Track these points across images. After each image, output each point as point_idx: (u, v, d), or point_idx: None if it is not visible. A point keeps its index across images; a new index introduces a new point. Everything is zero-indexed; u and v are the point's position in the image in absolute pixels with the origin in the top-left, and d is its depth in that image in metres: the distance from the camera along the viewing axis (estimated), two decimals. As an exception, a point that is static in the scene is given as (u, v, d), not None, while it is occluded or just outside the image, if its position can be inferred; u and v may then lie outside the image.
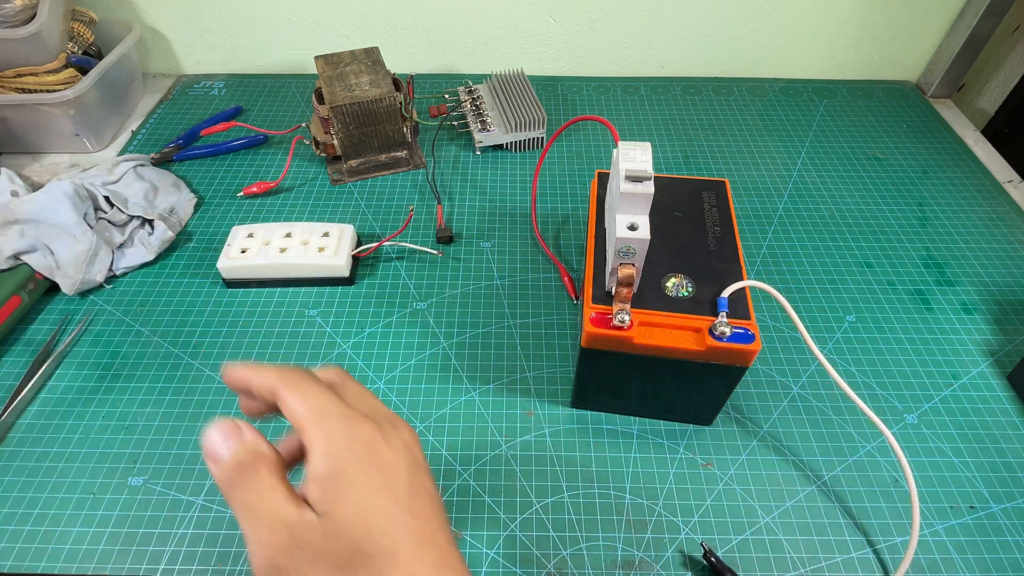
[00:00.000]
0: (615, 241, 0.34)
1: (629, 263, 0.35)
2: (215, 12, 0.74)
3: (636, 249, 0.35)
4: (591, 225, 0.44)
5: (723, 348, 0.35)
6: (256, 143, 0.68)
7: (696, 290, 0.38)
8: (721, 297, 0.37)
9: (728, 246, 0.40)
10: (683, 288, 0.38)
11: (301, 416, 0.23)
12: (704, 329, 0.36)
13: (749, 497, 0.41)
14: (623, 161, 0.35)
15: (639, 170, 0.34)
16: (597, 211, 0.44)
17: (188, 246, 0.57)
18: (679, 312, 0.37)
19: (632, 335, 0.36)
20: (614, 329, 0.36)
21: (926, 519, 0.40)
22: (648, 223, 0.35)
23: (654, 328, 0.37)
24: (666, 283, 0.38)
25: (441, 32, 0.76)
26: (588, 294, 0.38)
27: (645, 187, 0.34)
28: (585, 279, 0.40)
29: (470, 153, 0.67)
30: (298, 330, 0.50)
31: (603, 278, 0.39)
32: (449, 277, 0.54)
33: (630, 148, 0.36)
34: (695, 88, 0.77)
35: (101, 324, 0.50)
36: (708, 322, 0.36)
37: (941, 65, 0.75)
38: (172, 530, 0.39)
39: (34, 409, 0.45)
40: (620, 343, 0.37)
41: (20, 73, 0.61)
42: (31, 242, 0.51)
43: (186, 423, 0.44)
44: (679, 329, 0.36)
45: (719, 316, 0.36)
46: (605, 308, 0.37)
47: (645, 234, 0.34)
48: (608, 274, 0.37)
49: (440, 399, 0.46)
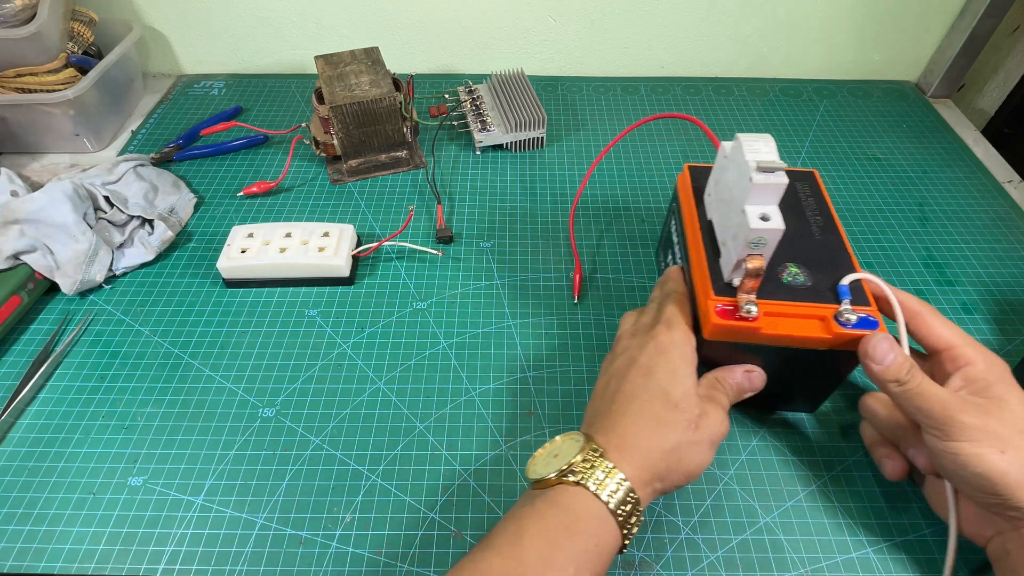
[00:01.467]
0: (748, 232, 0.34)
1: (758, 254, 0.35)
2: (215, 12, 0.74)
3: (768, 239, 0.34)
4: (688, 218, 0.43)
5: (849, 335, 0.35)
6: (256, 143, 0.68)
7: (813, 278, 0.38)
8: (842, 284, 0.37)
9: (832, 234, 0.41)
10: (800, 277, 0.38)
11: (951, 336, 0.36)
12: (829, 317, 0.36)
13: (749, 497, 0.41)
14: (749, 153, 0.35)
15: (771, 161, 0.34)
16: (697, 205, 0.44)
17: (188, 246, 0.57)
18: (801, 301, 0.37)
19: (759, 325, 0.36)
20: (740, 320, 0.36)
21: (926, 519, 0.40)
22: (780, 213, 0.35)
23: (779, 318, 0.36)
24: (782, 273, 0.38)
25: (441, 32, 0.76)
26: (706, 287, 0.38)
27: (778, 177, 0.34)
28: (695, 272, 0.40)
29: (470, 153, 0.67)
30: (298, 330, 0.50)
31: (718, 270, 0.39)
32: (449, 277, 0.54)
33: (752, 140, 0.36)
34: (695, 88, 0.77)
35: (101, 324, 0.50)
36: (831, 310, 0.36)
37: (941, 65, 0.75)
38: (172, 530, 0.39)
39: (34, 409, 0.45)
40: (746, 334, 0.37)
41: (20, 73, 0.61)
42: (31, 242, 0.51)
43: (186, 423, 0.44)
44: (803, 318, 0.36)
45: (842, 303, 0.36)
46: (728, 299, 0.37)
47: (778, 224, 0.34)
48: (730, 266, 0.37)
49: (440, 399, 0.46)
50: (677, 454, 0.33)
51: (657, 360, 0.36)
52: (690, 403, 0.35)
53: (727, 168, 0.38)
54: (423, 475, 0.42)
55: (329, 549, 0.38)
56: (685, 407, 0.34)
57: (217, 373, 0.47)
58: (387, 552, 0.38)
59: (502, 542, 0.30)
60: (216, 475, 0.42)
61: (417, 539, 0.39)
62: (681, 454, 0.34)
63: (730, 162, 0.38)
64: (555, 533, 0.30)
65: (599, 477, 0.31)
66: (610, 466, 0.32)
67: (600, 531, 0.31)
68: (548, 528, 0.30)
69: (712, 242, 0.40)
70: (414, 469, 0.42)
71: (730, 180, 0.38)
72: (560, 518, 0.31)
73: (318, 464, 0.42)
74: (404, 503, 0.40)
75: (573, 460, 0.32)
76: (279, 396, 0.46)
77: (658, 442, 0.33)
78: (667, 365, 0.36)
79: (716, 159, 0.41)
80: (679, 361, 0.36)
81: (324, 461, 0.42)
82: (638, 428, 0.34)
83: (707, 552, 0.39)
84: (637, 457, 0.33)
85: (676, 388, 0.35)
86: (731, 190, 0.38)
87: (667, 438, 0.33)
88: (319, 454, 0.43)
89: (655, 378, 0.35)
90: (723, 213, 0.39)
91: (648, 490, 0.33)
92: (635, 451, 0.33)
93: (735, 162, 0.37)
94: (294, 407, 0.45)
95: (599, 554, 0.30)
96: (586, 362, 0.48)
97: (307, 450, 0.43)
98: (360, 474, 0.42)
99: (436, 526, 0.39)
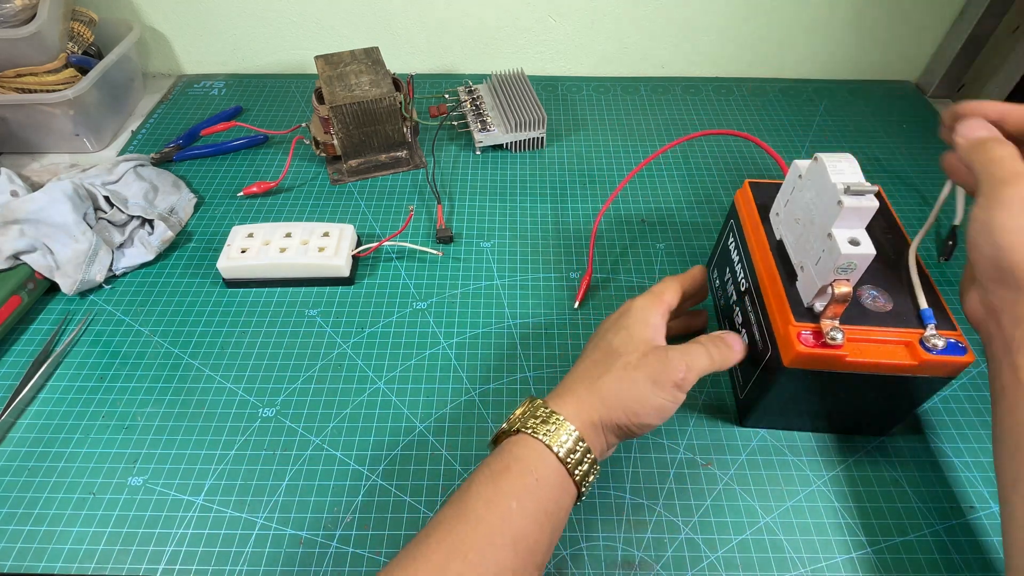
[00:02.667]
0: (837, 257, 0.33)
1: (845, 279, 0.34)
2: (215, 12, 0.74)
3: (857, 264, 0.33)
4: (754, 237, 0.42)
5: (936, 361, 0.34)
6: (256, 143, 0.68)
7: (895, 302, 0.37)
8: (925, 308, 0.36)
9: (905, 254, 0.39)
10: (880, 300, 0.37)
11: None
12: (914, 342, 0.35)
13: (749, 497, 0.41)
14: (834, 174, 0.34)
15: (860, 183, 0.33)
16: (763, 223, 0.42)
17: (188, 246, 0.57)
18: (884, 326, 0.35)
19: (844, 352, 0.35)
20: (825, 347, 0.35)
21: (926, 519, 0.40)
22: (868, 237, 0.34)
23: (865, 344, 0.35)
24: (862, 296, 0.37)
25: (441, 32, 0.76)
26: (784, 312, 0.37)
27: (869, 200, 0.33)
28: (769, 297, 0.39)
29: (470, 153, 0.67)
30: (298, 330, 0.50)
31: (795, 295, 0.37)
32: (449, 277, 0.54)
33: (835, 160, 0.34)
34: (695, 88, 0.77)
35: (101, 324, 0.50)
36: (916, 335, 0.35)
37: (941, 65, 0.75)
38: (172, 530, 0.39)
39: (34, 409, 0.45)
40: (830, 361, 0.35)
41: (20, 73, 0.61)
42: (31, 242, 0.50)
43: (186, 423, 0.44)
44: (888, 343, 0.35)
45: (927, 328, 0.35)
46: (811, 325, 0.36)
47: (869, 249, 0.33)
48: (811, 290, 0.36)
49: (440, 399, 0.46)
50: (610, 389, 0.35)
51: (612, 323, 0.39)
52: (629, 347, 0.36)
53: (804, 188, 0.37)
54: (423, 475, 0.42)
55: (329, 549, 0.38)
56: (623, 351, 0.36)
57: (217, 373, 0.47)
58: (387, 552, 0.38)
59: (454, 496, 0.32)
60: (216, 475, 0.42)
61: (417, 539, 0.39)
62: (615, 390, 0.35)
63: (807, 182, 0.36)
64: (496, 474, 0.32)
65: (534, 423, 0.34)
66: (548, 411, 0.34)
67: (540, 466, 0.32)
68: (490, 473, 0.32)
69: (784, 263, 0.39)
70: (414, 469, 0.42)
71: (808, 200, 0.36)
72: (501, 463, 0.33)
73: (318, 464, 0.42)
74: (404, 503, 0.40)
75: (513, 415, 0.35)
76: (279, 396, 0.46)
77: (591, 382, 0.35)
78: (617, 324, 0.38)
79: (787, 177, 0.39)
80: (629, 319, 0.38)
81: (324, 461, 0.42)
82: (577, 377, 0.36)
83: (707, 552, 0.39)
84: (572, 399, 0.35)
85: (618, 339, 0.37)
86: (810, 211, 0.36)
87: (600, 377, 0.35)
88: (319, 454, 0.43)
89: (605, 336, 0.38)
90: (799, 234, 0.38)
91: (590, 429, 0.34)
92: (571, 395, 0.35)
93: (814, 182, 0.35)
94: (294, 407, 0.45)
95: (540, 488, 0.32)
96: (586, 362, 0.48)
97: (307, 450, 0.43)
98: (360, 474, 0.42)
99: (436, 526, 0.39)
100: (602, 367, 0.36)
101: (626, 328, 0.38)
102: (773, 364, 0.37)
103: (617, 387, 0.35)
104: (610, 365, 0.36)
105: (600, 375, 0.36)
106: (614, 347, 0.37)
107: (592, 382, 0.35)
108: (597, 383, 0.35)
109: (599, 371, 0.36)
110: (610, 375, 0.35)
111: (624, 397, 0.35)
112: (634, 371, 0.35)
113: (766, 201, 0.43)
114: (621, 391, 0.35)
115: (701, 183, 0.63)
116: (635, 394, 0.35)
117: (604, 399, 0.35)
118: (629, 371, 0.35)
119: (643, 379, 0.35)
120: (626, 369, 0.35)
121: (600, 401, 0.35)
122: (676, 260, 0.56)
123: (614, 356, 0.36)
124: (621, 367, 0.35)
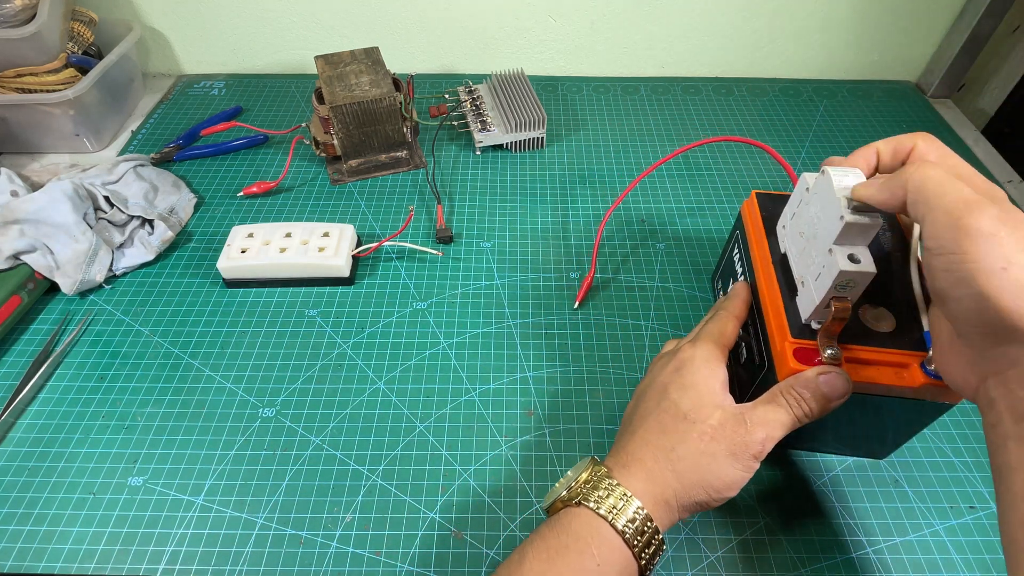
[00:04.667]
0: (837, 274, 0.32)
1: (844, 296, 0.33)
2: (215, 12, 0.74)
3: (857, 282, 0.32)
4: (757, 249, 0.41)
5: (938, 385, 0.33)
6: (256, 143, 0.68)
7: (897, 321, 0.35)
8: (928, 331, 0.34)
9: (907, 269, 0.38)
10: (883, 319, 0.35)
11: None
12: (915, 364, 0.34)
13: (748, 497, 0.41)
14: (840, 189, 0.33)
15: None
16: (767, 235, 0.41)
17: (188, 246, 0.57)
18: (884, 347, 0.34)
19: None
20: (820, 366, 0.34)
21: (926, 519, 0.40)
22: (869, 255, 0.32)
23: (862, 365, 0.34)
24: (865, 315, 0.36)
25: (441, 32, 0.76)
26: (782, 328, 0.36)
27: (872, 218, 0.32)
28: (768, 311, 0.37)
29: (470, 153, 0.67)
30: (298, 330, 0.50)
31: (795, 310, 0.36)
32: (449, 277, 0.54)
33: (842, 174, 0.33)
34: (695, 88, 0.77)
35: (101, 324, 0.50)
36: (917, 357, 0.34)
37: (941, 65, 0.75)
38: (172, 530, 0.39)
39: (34, 409, 0.45)
40: None
41: (20, 73, 0.61)
42: (31, 242, 0.51)
43: (186, 423, 0.44)
44: (887, 365, 0.34)
45: (930, 351, 0.33)
46: (806, 343, 0.35)
47: (870, 267, 0.32)
48: (810, 307, 0.35)
49: (440, 399, 0.46)
50: (687, 464, 0.32)
51: (673, 377, 0.35)
52: (702, 413, 0.33)
53: (809, 201, 0.36)
54: (423, 475, 0.42)
55: (329, 549, 0.38)
56: (695, 417, 0.32)
57: (217, 373, 0.47)
58: (387, 552, 0.38)
59: (505, 570, 0.30)
60: (216, 475, 0.42)
61: (417, 539, 0.39)
62: (693, 465, 0.31)
63: (813, 195, 0.35)
64: (554, 553, 0.30)
65: (601, 495, 0.31)
66: (613, 483, 0.31)
67: (603, 549, 0.30)
68: (547, 548, 0.30)
69: (787, 277, 0.38)
70: (414, 469, 0.42)
71: (812, 214, 0.35)
72: (560, 538, 0.30)
73: (318, 464, 0.42)
74: (404, 503, 0.40)
75: (576, 482, 0.32)
76: (279, 396, 0.46)
77: (664, 454, 0.32)
78: (680, 380, 0.34)
79: (795, 190, 0.38)
80: (694, 375, 0.34)
81: (324, 461, 0.42)
82: (644, 443, 0.33)
83: (707, 552, 0.39)
84: (641, 472, 0.32)
85: (686, 400, 0.33)
86: (814, 225, 0.35)
87: (674, 449, 0.32)
88: (319, 454, 0.43)
89: (668, 394, 0.34)
90: (802, 249, 0.37)
91: (662, 507, 0.31)
92: (640, 466, 0.32)
93: (820, 195, 0.34)
94: (294, 407, 0.45)
95: (602, 574, 0.29)
96: (586, 362, 0.48)
97: (307, 450, 0.43)
98: (360, 474, 0.42)
99: (436, 526, 0.39)
100: (673, 436, 0.32)
101: (693, 388, 0.34)
102: (769, 380, 0.36)
103: (695, 462, 0.31)
104: (684, 435, 0.32)
105: (672, 446, 0.32)
106: (682, 410, 0.33)
107: (664, 453, 0.32)
108: (670, 455, 0.32)
109: (670, 441, 0.32)
110: (685, 447, 0.32)
111: (704, 473, 0.31)
112: (711, 442, 0.32)
113: (772, 213, 0.42)
114: (700, 466, 0.31)
115: (703, 185, 0.63)
116: (715, 470, 0.31)
117: (680, 475, 0.31)
118: (706, 442, 0.32)
119: (722, 453, 0.31)
120: (702, 440, 0.32)
121: (675, 477, 0.31)
122: (676, 261, 0.56)
123: (686, 423, 0.32)
124: (696, 437, 0.32)
